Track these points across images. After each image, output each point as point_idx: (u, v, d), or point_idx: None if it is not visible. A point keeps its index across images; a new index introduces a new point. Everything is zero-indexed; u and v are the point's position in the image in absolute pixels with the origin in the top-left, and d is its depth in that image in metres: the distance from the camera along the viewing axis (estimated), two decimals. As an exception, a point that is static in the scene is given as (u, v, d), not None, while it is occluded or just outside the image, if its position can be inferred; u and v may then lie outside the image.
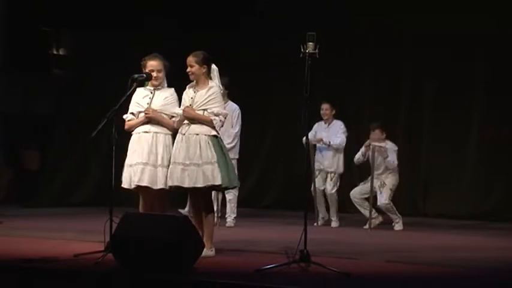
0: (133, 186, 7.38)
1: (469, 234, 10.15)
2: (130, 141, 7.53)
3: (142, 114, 7.51)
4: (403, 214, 11.23)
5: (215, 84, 7.39)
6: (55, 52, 15.05)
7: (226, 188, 7.60)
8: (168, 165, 7.34)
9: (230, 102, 10.03)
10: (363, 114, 12.95)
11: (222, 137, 7.50)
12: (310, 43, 6.78)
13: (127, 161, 7.44)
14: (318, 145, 10.76)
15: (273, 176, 13.66)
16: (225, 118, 7.43)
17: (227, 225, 10.30)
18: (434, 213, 12.34)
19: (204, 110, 7.30)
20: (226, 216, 10.43)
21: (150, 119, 7.47)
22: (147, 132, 7.46)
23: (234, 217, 10.43)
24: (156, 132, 7.45)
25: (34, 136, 14.65)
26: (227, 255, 7.45)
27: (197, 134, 7.27)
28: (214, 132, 7.30)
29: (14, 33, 13.59)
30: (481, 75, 12.32)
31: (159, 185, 7.34)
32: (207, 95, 7.32)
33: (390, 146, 10.76)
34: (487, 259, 7.68)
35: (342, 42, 12.59)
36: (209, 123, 7.28)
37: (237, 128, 10.25)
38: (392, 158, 10.66)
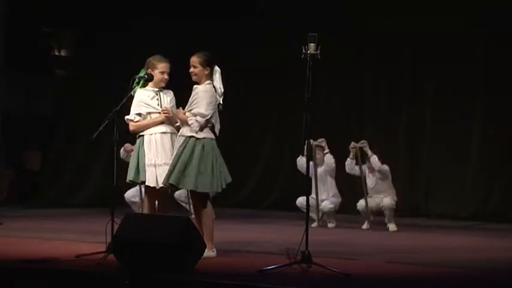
0: (160, 186, 7.38)
1: (470, 235, 10.16)
2: (146, 141, 7.44)
3: (154, 115, 7.50)
4: (403, 215, 11.27)
5: (205, 84, 7.35)
6: (56, 52, 15.06)
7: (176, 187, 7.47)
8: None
9: None
10: (363, 114, 12.97)
11: None
12: (312, 44, 6.79)
13: (148, 161, 7.41)
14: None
15: (274, 177, 13.66)
16: (204, 118, 7.22)
17: None
18: (435, 214, 12.34)
19: (189, 110, 7.33)
20: None
21: (166, 120, 7.49)
22: (165, 133, 7.48)
23: None
24: (172, 133, 7.51)
25: (35, 137, 14.66)
26: (228, 256, 7.46)
27: (181, 135, 7.33)
28: (191, 133, 7.26)
29: (15, 33, 13.59)
30: (482, 75, 12.32)
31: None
32: (193, 95, 7.34)
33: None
34: (487, 260, 7.69)
35: (342, 42, 12.60)
36: (186, 124, 7.29)
37: None
38: (383, 166, 10.59)
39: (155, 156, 7.41)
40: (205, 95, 7.27)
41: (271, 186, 13.67)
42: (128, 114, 7.52)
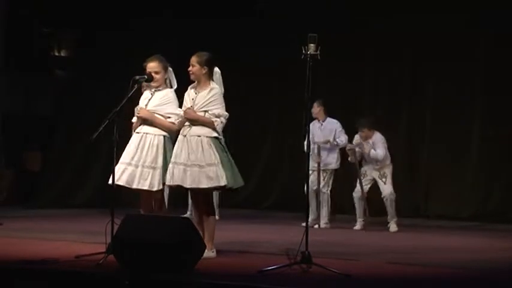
0: (110, 183, 7.39)
1: (470, 236, 10.16)
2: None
3: None
4: (403, 215, 11.25)
5: (217, 86, 7.40)
6: (56, 53, 15.06)
7: (231, 189, 7.47)
8: (154, 166, 7.36)
9: None
10: (362, 114, 12.97)
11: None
12: (312, 44, 6.78)
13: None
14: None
15: (275, 177, 13.66)
16: (226, 120, 7.39)
17: None
18: (435, 214, 12.34)
19: (205, 111, 7.31)
20: None
21: (143, 120, 7.49)
22: (138, 132, 7.52)
23: None
24: (146, 133, 7.48)
25: (35, 137, 14.65)
26: (228, 257, 7.46)
27: (198, 136, 7.28)
28: (215, 134, 7.31)
29: (15, 33, 13.59)
30: (482, 75, 12.32)
31: (140, 185, 7.35)
32: (208, 96, 7.33)
33: (377, 139, 10.68)
34: (487, 260, 7.69)
35: (342, 42, 12.60)
36: (210, 125, 7.30)
37: None
38: (378, 151, 10.56)
39: (122, 155, 7.48)
40: (221, 96, 7.38)
41: (271, 186, 13.67)
42: (128, 114, 7.56)
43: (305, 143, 7.01)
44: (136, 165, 7.38)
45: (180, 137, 7.40)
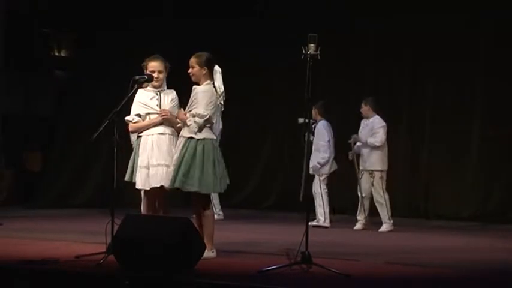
0: (152, 186, 7.37)
1: (470, 236, 10.16)
2: (142, 142, 7.45)
3: (153, 116, 7.48)
4: (403, 215, 11.25)
5: (203, 86, 7.34)
6: (56, 53, 15.06)
7: (199, 192, 7.32)
8: None
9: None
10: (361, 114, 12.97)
11: None
12: (312, 44, 6.78)
13: (141, 163, 7.40)
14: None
15: (274, 177, 13.66)
16: (202, 119, 7.22)
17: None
18: (435, 215, 12.34)
19: (189, 111, 7.32)
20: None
21: (165, 121, 7.47)
22: (163, 134, 7.46)
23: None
24: (171, 134, 7.48)
25: (35, 137, 14.66)
26: (228, 257, 7.46)
27: (181, 136, 7.32)
28: (190, 134, 7.24)
29: (15, 34, 13.59)
30: (482, 75, 12.32)
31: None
32: (192, 95, 7.33)
33: (375, 122, 10.66)
34: (487, 260, 7.69)
35: (342, 42, 12.60)
36: (186, 125, 7.29)
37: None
38: (375, 137, 10.53)
39: (150, 157, 7.39)
40: (204, 95, 7.26)
41: (271, 186, 13.67)
42: (128, 114, 7.52)
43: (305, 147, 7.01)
44: (170, 166, 7.38)
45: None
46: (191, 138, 7.24)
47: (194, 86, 7.36)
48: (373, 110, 10.79)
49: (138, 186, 7.41)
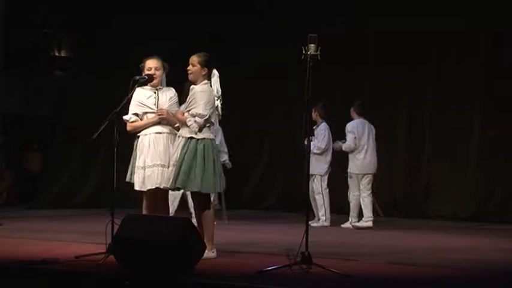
0: (148, 188, 7.37)
1: (470, 236, 10.15)
2: (139, 142, 7.45)
3: (150, 115, 7.48)
4: (403, 215, 11.23)
5: (201, 86, 7.34)
6: (56, 53, 15.07)
7: (199, 192, 7.32)
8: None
9: None
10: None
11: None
12: (312, 45, 6.77)
13: (139, 163, 7.40)
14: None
15: (274, 177, 13.66)
16: (203, 119, 7.21)
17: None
18: (435, 215, 12.34)
19: (188, 111, 7.31)
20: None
21: (162, 120, 7.47)
22: (160, 133, 7.45)
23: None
24: (168, 133, 7.45)
25: (35, 138, 14.67)
26: (228, 257, 7.45)
27: (179, 136, 7.31)
28: (190, 134, 7.24)
29: (15, 34, 13.60)
30: (482, 76, 12.32)
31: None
32: (190, 95, 7.32)
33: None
34: (488, 261, 7.68)
35: (342, 42, 12.60)
36: (185, 125, 7.28)
37: None
38: (345, 144, 10.79)
39: (145, 158, 7.39)
40: (203, 95, 7.26)
41: (271, 186, 13.67)
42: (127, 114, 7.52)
43: (305, 143, 7.01)
44: (168, 166, 7.35)
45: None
46: (191, 138, 7.23)
47: (192, 86, 7.35)
48: (357, 114, 10.95)
49: (136, 187, 7.42)
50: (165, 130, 7.46)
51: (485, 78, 12.28)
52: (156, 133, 7.43)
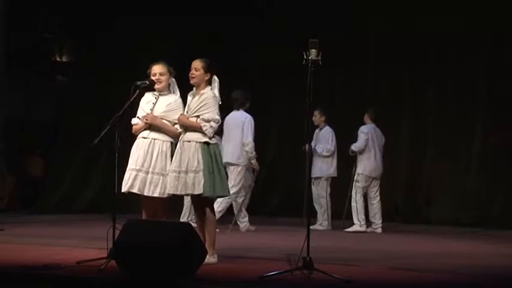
0: (124, 191, 7.38)
1: (471, 241, 10.15)
2: (133, 146, 7.54)
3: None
4: (405, 221, 11.22)
5: (209, 90, 7.35)
6: (57, 58, 15.09)
7: (211, 198, 7.39)
8: (163, 173, 7.35)
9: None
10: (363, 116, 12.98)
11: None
12: (313, 50, 6.75)
13: (128, 165, 7.46)
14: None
15: (275, 182, 13.64)
16: (217, 124, 7.29)
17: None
18: (436, 220, 12.33)
19: (197, 116, 7.29)
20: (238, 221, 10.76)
21: (150, 125, 7.48)
22: (145, 138, 7.47)
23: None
24: (154, 139, 7.44)
25: (37, 142, 14.68)
26: (230, 262, 7.44)
27: (189, 141, 7.28)
28: (205, 139, 7.26)
29: (17, 39, 13.61)
30: (483, 77, 12.32)
31: (151, 192, 7.34)
32: (200, 100, 7.31)
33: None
34: (489, 266, 7.67)
35: (343, 42, 12.59)
36: (200, 130, 7.28)
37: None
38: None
39: (130, 160, 7.44)
40: (215, 101, 7.30)
41: (272, 191, 13.65)
42: (129, 119, 7.55)
43: (307, 148, 7.00)
44: (146, 172, 7.35)
45: (178, 143, 7.39)
46: (207, 143, 7.25)
47: (203, 91, 7.34)
48: (370, 120, 11.08)
49: (122, 189, 7.43)
50: (151, 135, 7.45)
51: (486, 78, 12.28)
52: (142, 138, 7.48)
